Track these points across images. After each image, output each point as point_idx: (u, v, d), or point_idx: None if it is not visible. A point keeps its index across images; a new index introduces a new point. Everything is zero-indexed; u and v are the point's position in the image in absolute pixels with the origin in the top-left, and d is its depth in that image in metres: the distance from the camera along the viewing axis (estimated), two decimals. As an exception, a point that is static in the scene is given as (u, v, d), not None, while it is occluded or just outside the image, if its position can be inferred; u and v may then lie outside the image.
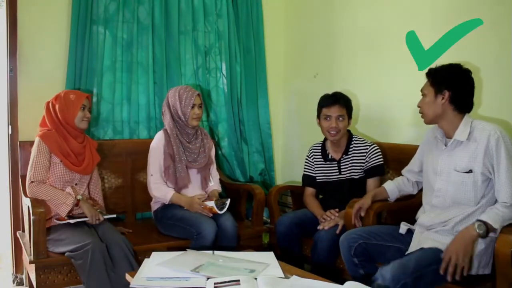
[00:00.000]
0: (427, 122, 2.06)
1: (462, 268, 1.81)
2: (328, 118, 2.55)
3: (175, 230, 2.58)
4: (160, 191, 2.63)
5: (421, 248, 1.92)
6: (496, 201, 1.89)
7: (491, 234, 1.84)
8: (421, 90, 2.07)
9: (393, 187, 2.35)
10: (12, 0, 2.74)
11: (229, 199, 2.62)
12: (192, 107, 2.65)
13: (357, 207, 2.30)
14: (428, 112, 2.02)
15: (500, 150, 1.85)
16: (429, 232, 1.99)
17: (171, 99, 2.68)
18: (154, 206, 2.75)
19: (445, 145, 2.02)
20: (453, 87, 1.95)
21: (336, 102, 2.54)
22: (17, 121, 2.79)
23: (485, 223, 1.81)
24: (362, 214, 2.30)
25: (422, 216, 2.08)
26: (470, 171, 1.92)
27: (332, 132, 2.55)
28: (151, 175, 2.65)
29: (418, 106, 2.07)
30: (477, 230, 1.81)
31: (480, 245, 1.87)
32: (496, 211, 1.83)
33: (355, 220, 2.29)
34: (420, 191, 2.28)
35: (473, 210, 1.92)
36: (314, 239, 2.44)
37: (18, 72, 2.77)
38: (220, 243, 2.50)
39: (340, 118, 2.54)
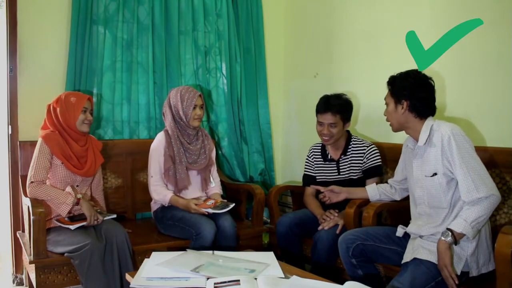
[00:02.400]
0: (394, 130, 2.11)
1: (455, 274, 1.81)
2: (321, 124, 2.57)
3: (174, 230, 2.58)
4: (159, 193, 2.63)
5: (415, 259, 1.90)
6: None
7: (468, 239, 1.83)
8: (385, 99, 2.11)
9: (374, 189, 2.40)
10: (12, 0, 2.74)
11: (234, 204, 2.63)
12: (194, 108, 2.65)
13: (331, 187, 2.48)
14: (393, 122, 2.09)
15: (452, 150, 1.86)
16: (422, 240, 1.98)
17: (172, 100, 2.68)
18: (154, 206, 2.75)
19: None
20: (410, 97, 1.99)
21: (328, 110, 2.53)
22: (17, 121, 2.79)
23: (451, 230, 1.81)
24: (324, 191, 2.49)
25: (410, 225, 2.09)
26: (435, 174, 1.94)
27: (324, 137, 2.57)
28: (151, 176, 2.65)
29: (385, 115, 2.12)
30: (443, 238, 1.81)
31: (471, 245, 1.86)
32: (459, 215, 1.82)
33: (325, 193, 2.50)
34: (405, 198, 2.30)
35: (454, 216, 1.90)
36: (314, 239, 2.44)
37: (18, 72, 2.77)
38: (219, 244, 2.50)
39: (332, 125, 2.54)
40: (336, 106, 2.53)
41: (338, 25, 3.19)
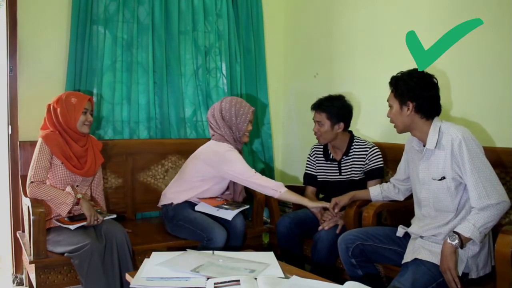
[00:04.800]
0: (399, 131, 2.06)
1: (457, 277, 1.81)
2: (314, 121, 2.62)
3: (184, 231, 2.55)
4: (270, 181, 2.51)
5: (415, 260, 1.89)
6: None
7: (473, 242, 1.82)
8: (388, 101, 2.06)
9: (377, 191, 2.37)
10: (12, 0, 2.74)
11: (248, 206, 2.67)
12: (247, 124, 2.63)
13: (333, 202, 2.41)
14: (398, 123, 2.03)
15: (463, 154, 1.83)
16: (423, 240, 1.98)
17: (226, 113, 2.61)
18: (168, 199, 2.67)
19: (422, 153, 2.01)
20: (416, 98, 1.94)
21: (315, 107, 2.60)
22: (17, 121, 2.79)
23: (458, 233, 1.79)
24: (336, 210, 2.40)
25: (412, 226, 2.08)
26: (443, 178, 1.91)
27: (315, 135, 2.62)
28: (255, 173, 2.53)
29: (388, 116, 2.08)
30: (449, 241, 1.79)
31: (474, 247, 1.85)
32: (468, 219, 1.81)
33: (332, 212, 2.42)
34: (408, 197, 2.29)
35: (460, 219, 1.89)
36: (314, 239, 2.44)
37: (18, 72, 2.77)
38: (227, 241, 2.49)
39: (319, 124, 2.57)
40: (323, 106, 2.56)
41: (338, 25, 3.19)
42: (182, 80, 3.22)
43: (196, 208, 2.62)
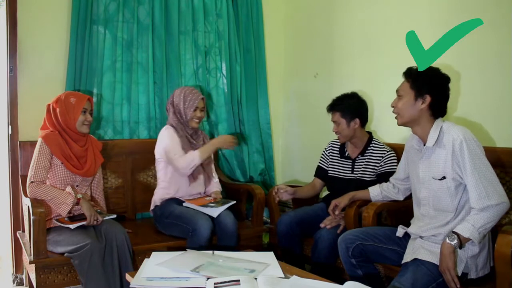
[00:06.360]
0: (401, 123, 2.02)
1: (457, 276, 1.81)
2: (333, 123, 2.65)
3: (173, 228, 2.57)
4: (186, 158, 2.61)
5: (415, 260, 1.89)
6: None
7: (472, 243, 1.81)
8: (397, 91, 2.02)
9: (377, 191, 2.36)
10: (12, 0, 2.74)
11: (234, 202, 2.67)
12: (194, 110, 2.69)
13: (333, 204, 2.40)
14: (404, 114, 1.98)
15: (464, 155, 1.82)
16: (422, 240, 1.98)
17: (176, 98, 2.72)
18: (153, 202, 2.73)
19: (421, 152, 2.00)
20: (435, 93, 1.93)
21: (329, 109, 2.64)
22: (17, 121, 2.79)
23: (457, 233, 1.79)
24: (337, 212, 2.39)
25: (412, 226, 2.08)
26: (444, 178, 1.90)
27: (336, 135, 2.64)
28: (174, 154, 2.63)
29: (392, 106, 2.03)
30: (448, 241, 1.79)
31: (473, 248, 1.85)
32: (467, 220, 1.80)
33: (333, 215, 2.42)
34: (408, 197, 2.29)
35: (460, 219, 1.88)
36: (314, 238, 2.44)
37: (18, 72, 2.78)
38: (220, 242, 2.51)
39: (336, 123, 2.61)
40: (336, 106, 2.60)
41: (338, 25, 3.19)
42: (182, 80, 3.22)
43: (184, 205, 2.65)
